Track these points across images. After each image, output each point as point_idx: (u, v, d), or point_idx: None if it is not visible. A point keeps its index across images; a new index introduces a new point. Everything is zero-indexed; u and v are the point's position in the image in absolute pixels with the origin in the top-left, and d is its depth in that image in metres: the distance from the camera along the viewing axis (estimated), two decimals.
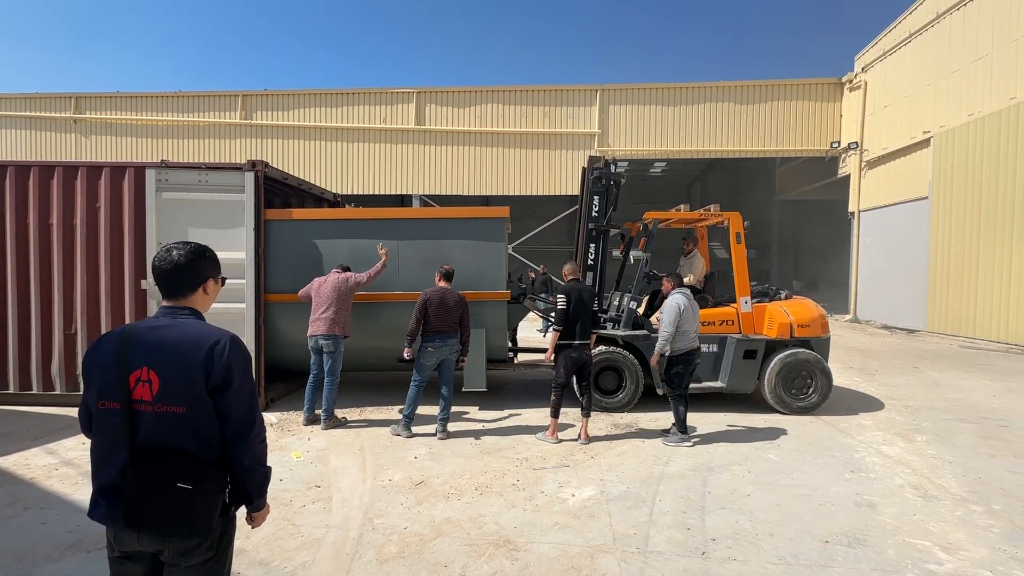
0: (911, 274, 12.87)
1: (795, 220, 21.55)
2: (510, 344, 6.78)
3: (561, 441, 4.79)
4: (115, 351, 1.53)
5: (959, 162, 11.64)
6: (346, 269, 5.42)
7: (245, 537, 3.12)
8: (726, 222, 5.83)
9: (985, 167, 10.98)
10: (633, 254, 5.86)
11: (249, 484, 1.64)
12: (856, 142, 15.00)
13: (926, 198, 12.55)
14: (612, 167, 5.98)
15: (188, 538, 1.53)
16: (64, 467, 4.17)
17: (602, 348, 5.69)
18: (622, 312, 5.92)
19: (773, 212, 21.03)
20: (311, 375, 5.31)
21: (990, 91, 11.02)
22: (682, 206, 6.19)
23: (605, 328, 5.93)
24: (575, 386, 5.01)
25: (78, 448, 4.57)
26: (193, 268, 1.66)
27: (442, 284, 4.93)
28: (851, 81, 15.50)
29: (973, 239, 11.24)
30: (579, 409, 4.91)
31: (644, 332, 5.75)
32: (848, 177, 15.58)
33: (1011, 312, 10.30)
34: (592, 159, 6.06)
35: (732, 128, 15.94)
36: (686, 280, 5.96)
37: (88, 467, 1.40)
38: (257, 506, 1.72)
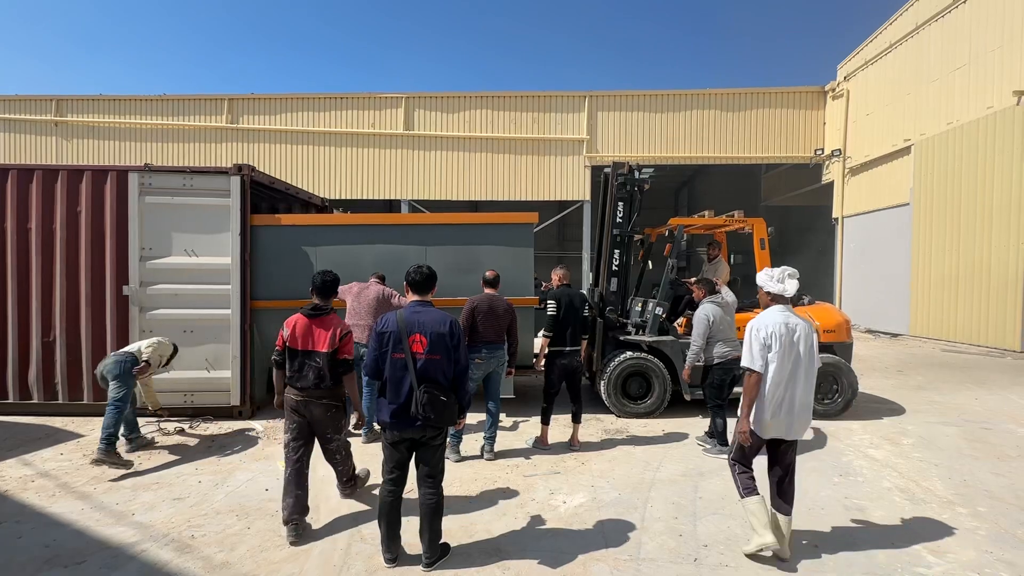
0: (894, 279, 13.08)
1: (781, 226, 21.87)
2: None
3: (552, 447, 4.77)
4: (397, 324, 2.82)
5: (939, 169, 11.88)
6: (382, 279, 5.32)
7: (230, 549, 3.05)
8: (748, 228, 5.85)
9: (964, 174, 11.22)
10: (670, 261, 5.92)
11: (464, 402, 2.93)
12: (839, 149, 15.25)
13: (908, 204, 12.78)
14: (636, 173, 6.00)
15: (440, 428, 2.84)
16: (41, 479, 4.04)
17: (629, 354, 5.70)
18: (646, 318, 5.93)
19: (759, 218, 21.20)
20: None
21: (968, 100, 11.28)
22: (706, 212, 6.21)
23: (630, 334, 5.93)
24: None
25: (55, 459, 4.44)
26: (433, 279, 3.02)
27: (488, 291, 4.60)
28: (834, 90, 15.77)
29: (953, 245, 11.46)
30: (570, 415, 4.88)
31: (670, 337, 5.78)
32: (832, 184, 15.82)
33: (990, 316, 10.51)
34: (616, 165, 6.03)
35: (718, 135, 16.12)
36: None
37: (65, 478, 1.81)
38: (464, 416, 3.02)
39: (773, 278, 3.05)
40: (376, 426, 5.13)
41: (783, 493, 2.99)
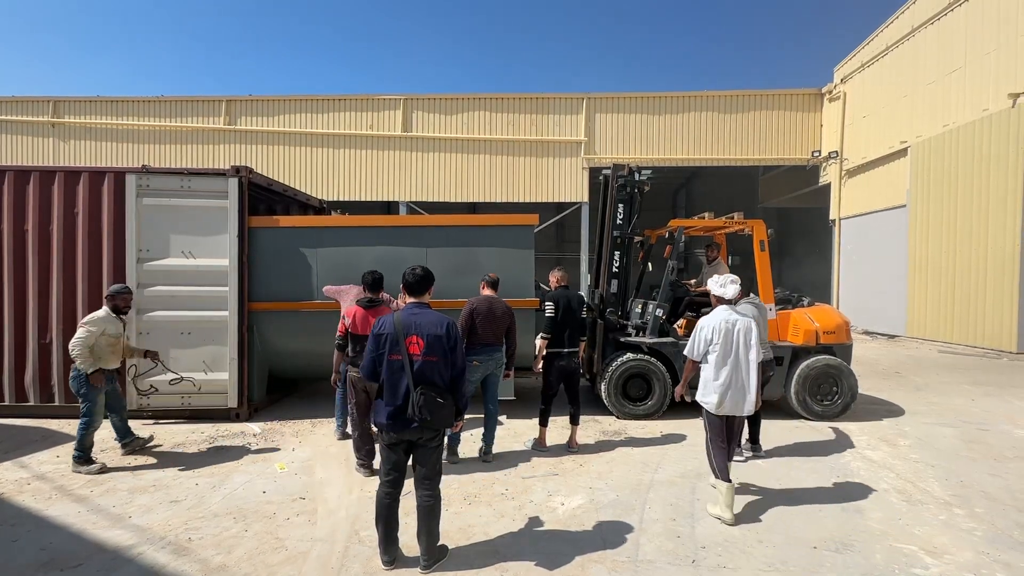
0: (891, 280, 13.12)
1: (778, 227, 21.91)
2: None
3: (550, 449, 4.77)
4: (394, 326, 2.80)
5: (935, 171, 11.93)
6: None
7: (227, 552, 3.04)
8: (748, 230, 5.87)
9: (960, 176, 11.27)
10: (669, 262, 5.89)
11: (461, 404, 2.91)
12: (836, 151, 15.30)
13: (904, 206, 12.83)
14: (636, 175, 6.00)
15: (437, 430, 2.82)
16: (37, 481, 4.02)
17: (629, 356, 5.71)
18: (646, 320, 5.94)
19: None
20: (340, 386, 4.99)
21: (964, 102, 11.33)
22: (706, 214, 6.21)
23: (630, 336, 5.93)
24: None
25: (52, 462, 4.43)
26: (428, 280, 3.02)
27: (488, 293, 4.61)
28: (831, 92, 15.83)
29: (949, 246, 11.51)
30: (568, 417, 4.87)
31: (671, 339, 5.78)
32: (829, 185, 15.87)
33: (986, 318, 10.55)
34: (616, 167, 6.02)
35: (716, 137, 16.16)
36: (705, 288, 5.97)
37: (62, 481, 2.37)
38: (461, 418, 3.04)
39: (718, 283, 3.75)
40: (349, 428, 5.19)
41: (731, 449, 3.66)
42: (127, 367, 5.36)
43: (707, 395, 3.58)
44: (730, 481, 3.47)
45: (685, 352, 3.73)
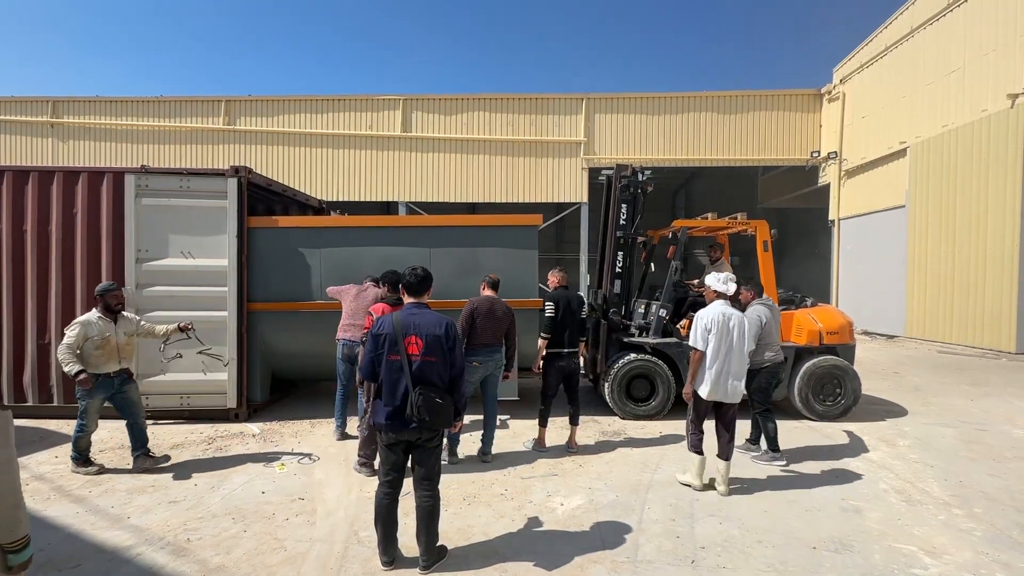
0: (890, 281, 13.13)
1: (777, 228, 21.86)
2: None
3: (549, 449, 4.76)
4: (393, 326, 2.79)
5: (934, 172, 11.94)
6: (377, 282, 5.26)
7: (226, 552, 3.03)
8: (751, 230, 5.86)
9: (959, 177, 11.28)
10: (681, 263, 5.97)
11: (460, 404, 2.90)
12: (835, 152, 15.31)
13: (903, 206, 12.85)
14: (639, 175, 6.01)
15: (436, 430, 2.82)
16: (35, 481, 4.02)
17: (633, 356, 5.72)
18: (649, 320, 5.93)
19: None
20: (340, 386, 5.05)
21: (963, 103, 11.35)
22: (709, 214, 6.22)
23: (633, 336, 5.94)
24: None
25: (50, 462, 4.42)
26: (428, 280, 3.01)
27: (489, 293, 4.61)
28: (830, 92, 15.84)
29: (948, 246, 11.52)
30: (567, 417, 4.87)
31: (674, 340, 5.78)
32: (828, 186, 15.89)
33: (985, 318, 10.56)
34: (619, 167, 6.03)
35: (715, 137, 16.18)
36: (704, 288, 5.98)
37: (60, 482, 2.26)
38: (460, 418, 3.03)
39: (720, 280, 3.96)
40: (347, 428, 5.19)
41: (725, 447, 3.91)
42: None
43: (699, 382, 3.88)
44: (702, 455, 3.87)
45: (691, 343, 3.90)
